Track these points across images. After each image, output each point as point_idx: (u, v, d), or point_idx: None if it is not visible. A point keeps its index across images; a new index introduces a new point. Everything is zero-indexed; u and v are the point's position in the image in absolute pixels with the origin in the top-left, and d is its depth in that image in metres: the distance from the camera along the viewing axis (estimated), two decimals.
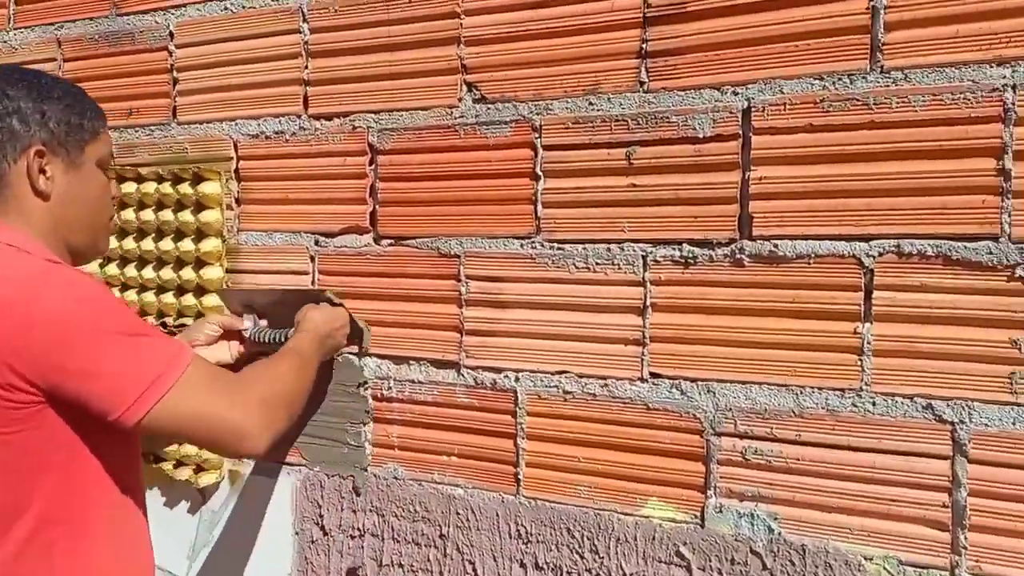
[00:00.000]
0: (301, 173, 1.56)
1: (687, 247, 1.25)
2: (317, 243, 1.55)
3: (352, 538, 1.55)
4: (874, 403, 1.15)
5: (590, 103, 1.31)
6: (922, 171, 1.11)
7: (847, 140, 1.15)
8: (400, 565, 1.50)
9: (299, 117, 1.56)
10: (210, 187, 1.63)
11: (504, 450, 1.40)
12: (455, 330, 1.43)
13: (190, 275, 1.66)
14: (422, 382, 1.47)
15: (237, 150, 1.63)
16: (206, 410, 1.12)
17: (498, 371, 1.40)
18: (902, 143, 1.12)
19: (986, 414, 1.09)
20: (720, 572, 1.24)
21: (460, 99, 1.41)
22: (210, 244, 1.64)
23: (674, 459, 1.28)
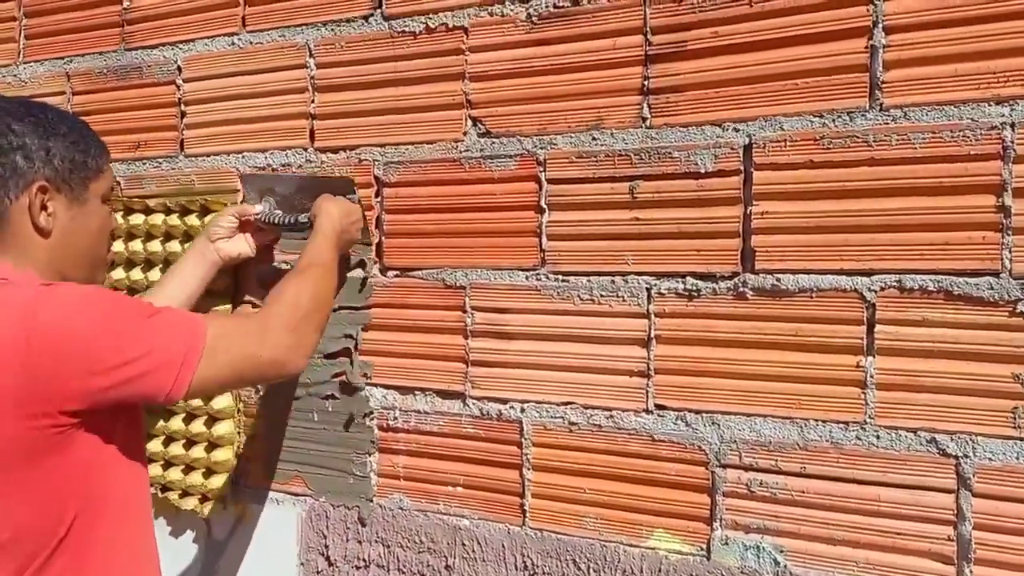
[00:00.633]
0: None
1: (691, 280, 1.27)
2: None
3: (357, 569, 1.55)
4: (878, 436, 1.16)
5: (594, 138, 1.32)
6: (923, 207, 1.12)
7: (848, 176, 1.16)
8: None
9: (305, 150, 1.58)
10: None
11: (510, 481, 1.41)
12: (461, 361, 1.44)
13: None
14: (428, 412, 1.48)
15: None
16: (242, 357, 1.18)
17: (504, 402, 1.41)
18: (902, 179, 1.13)
19: (990, 448, 1.10)
20: None
21: (465, 133, 1.43)
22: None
23: (680, 491, 1.28)
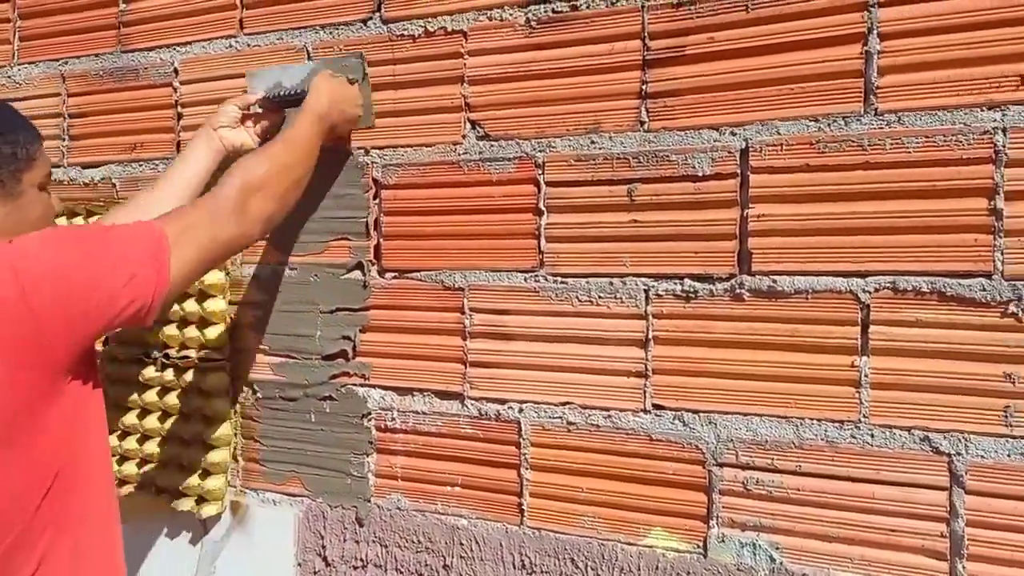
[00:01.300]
0: None
1: (688, 282, 1.29)
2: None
3: (355, 569, 1.56)
4: (872, 435, 1.18)
5: (592, 141, 1.34)
6: (916, 210, 1.15)
7: (843, 180, 1.18)
8: None
9: None
10: None
11: (508, 480, 1.42)
12: (459, 362, 1.45)
13: (193, 307, 1.67)
14: (426, 413, 1.49)
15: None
16: (201, 246, 1.20)
17: (502, 402, 1.42)
18: (896, 183, 1.15)
19: (982, 446, 1.12)
20: None
21: (464, 136, 1.44)
22: (214, 276, 1.65)
23: (677, 489, 1.30)
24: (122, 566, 1.26)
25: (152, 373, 1.72)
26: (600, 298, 1.34)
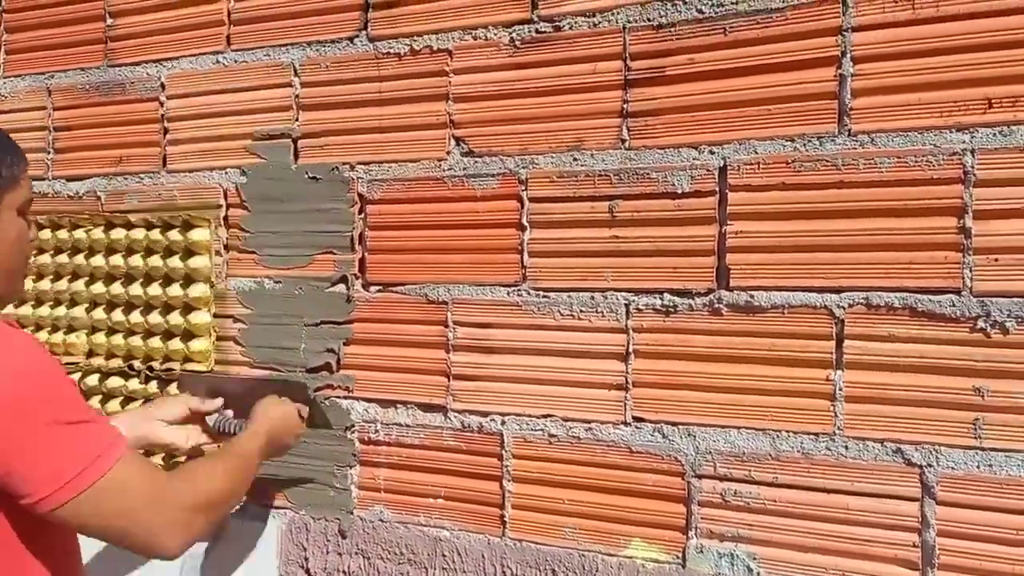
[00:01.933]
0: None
1: (668, 296, 1.31)
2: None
3: None
4: (847, 447, 1.21)
5: (574, 158, 1.37)
6: (888, 228, 1.18)
7: (818, 198, 1.22)
8: None
9: (289, 168, 1.60)
10: (199, 234, 1.67)
11: (490, 492, 1.44)
12: (442, 375, 1.47)
13: (177, 320, 1.68)
14: (409, 425, 1.51)
15: (227, 198, 1.66)
16: (127, 512, 1.09)
17: (485, 415, 1.44)
18: (869, 202, 1.19)
19: (952, 458, 1.15)
20: None
21: (448, 152, 1.46)
22: (198, 290, 1.67)
23: (656, 501, 1.32)
24: None
25: (136, 385, 1.73)
26: (582, 312, 1.37)
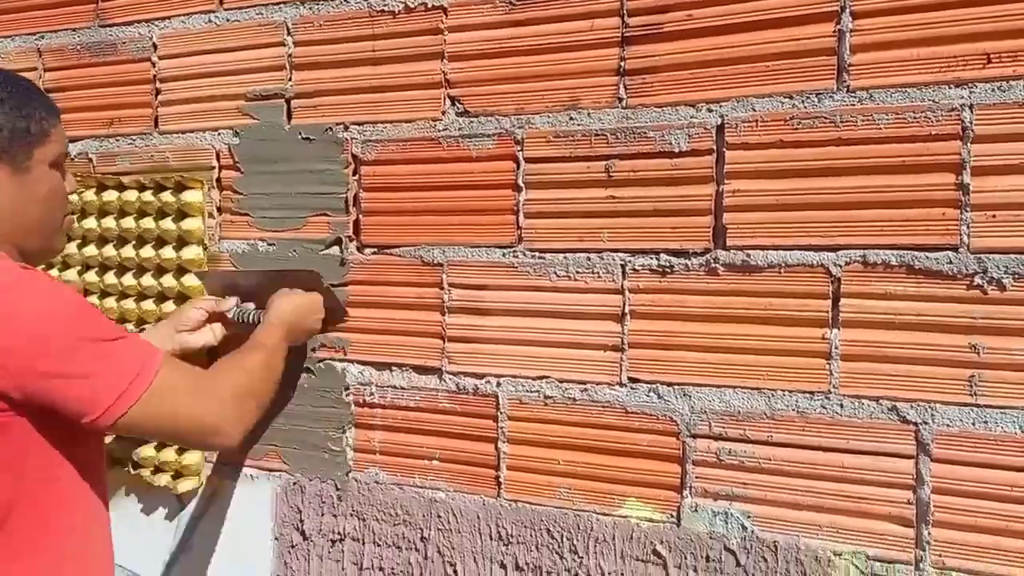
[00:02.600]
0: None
1: (664, 256, 1.31)
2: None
3: (332, 543, 1.57)
4: (842, 405, 1.21)
5: (571, 118, 1.36)
6: (886, 185, 1.17)
7: (815, 156, 1.21)
8: (381, 569, 1.53)
9: (283, 128, 1.59)
10: (192, 196, 1.65)
11: (486, 454, 1.44)
12: (438, 337, 1.47)
13: (171, 282, 1.67)
14: (404, 388, 1.50)
15: (219, 159, 1.65)
16: (180, 410, 1.17)
17: (480, 376, 1.44)
18: (867, 159, 1.18)
19: (948, 415, 1.15)
20: (695, 569, 1.29)
21: (444, 112, 1.45)
22: (191, 252, 1.66)
23: (651, 461, 1.32)
24: None
25: None
26: (577, 273, 1.36)
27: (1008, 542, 1.13)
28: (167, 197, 1.67)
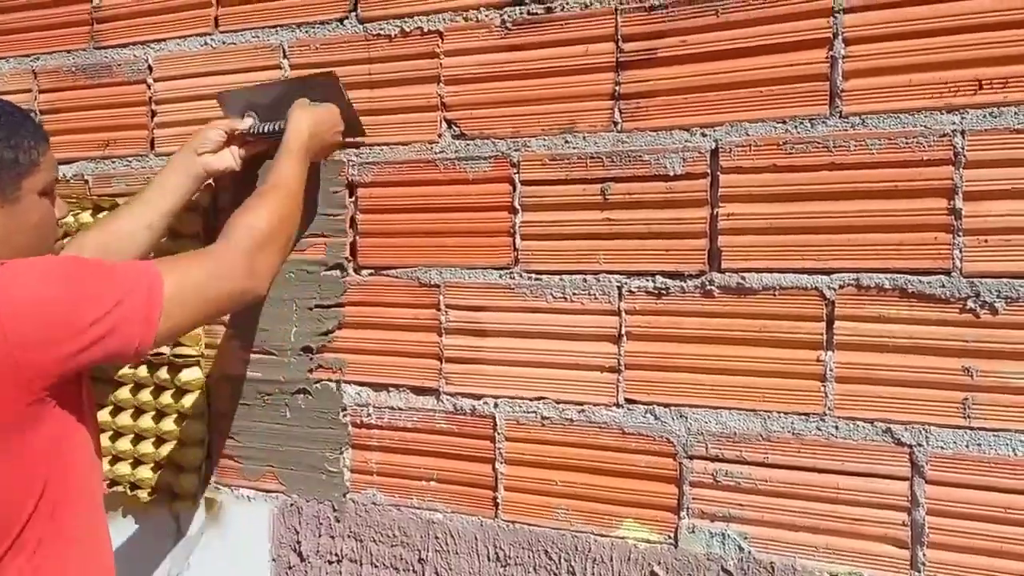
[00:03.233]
0: None
1: (660, 278, 1.32)
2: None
3: (330, 563, 1.57)
4: (837, 427, 1.22)
5: (566, 141, 1.37)
6: (879, 209, 1.19)
7: (809, 180, 1.22)
8: None
9: None
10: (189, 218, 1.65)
11: (483, 475, 1.45)
12: (435, 358, 1.47)
13: None
14: (402, 409, 1.51)
15: (215, 181, 1.65)
16: (205, 297, 1.20)
17: (477, 397, 1.44)
18: (860, 183, 1.19)
19: (942, 437, 1.16)
20: None
21: (440, 135, 1.46)
22: None
23: (648, 482, 1.33)
24: None
25: (125, 370, 1.72)
26: (574, 295, 1.37)
27: (1002, 563, 1.14)
28: None
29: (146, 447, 1.69)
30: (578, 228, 1.36)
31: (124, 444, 1.71)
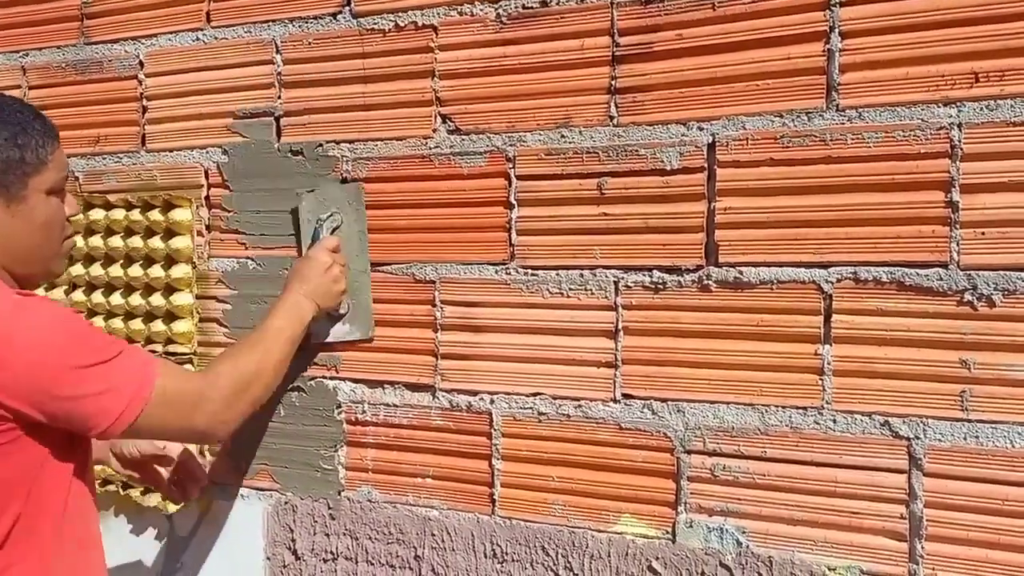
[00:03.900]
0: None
1: (657, 273, 1.31)
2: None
3: (325, 561, 1.56)
4: (835, 420, 1.22)
5: (562, 135, 1.36)
6: (876, 203, 1.18)
7: (806, 173, 1.22)
8: None
9: (273, 145, 1.58)
10: (181, 214, 1.64)
11: (479, 471, 1.44)
12: (430, 354, 1.47)
13: (159, 301, 1.66)
14: (397, 405, 1.50)
15: (208, 177, 1.64)
16: (176, 419, 1.22)
17: (473, 394, 1.44)
18: (857, 176, 1.19)
19: (939, 430, 1.16)
20: None
21: (435, 130, 1.45)
22: (180, 270, 1.65)
23: (646, 477, 1.33)
24: None
25: None
26: (570, 290, 1.37)
27: (1000, 555, 1.14)
28: (155, 215, 1.66)
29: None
30: (574, 223, 1.36)
31: None
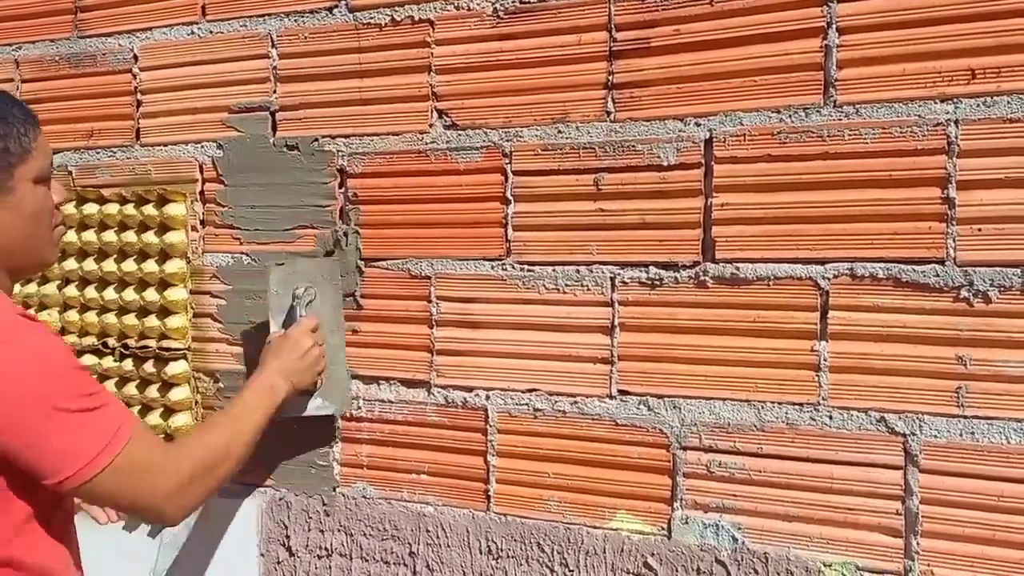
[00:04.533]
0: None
1: (653, 269, 1.31)
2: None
3: (319, 558, 1.56)
4: (831, 417, 1.22)
5: (559, 131, 1.36)
6: (873, 199, 1.18)
7: (803, 169, 1.22)
8: None
9: (268, 139, 1.57)
10: (175, 209, 1.63)
11: (475, 467, 1.44)
12: (426, 350, 1.46)
13: (153, 296, 1.65)
14: (392, 401, 1.49)
15: (203, 172, 1.64)
16: (135, 490, 1.15)
17: (469, 390, 1.43)
18: (854, 172, 1.19)
19: (935, 426, 1.17)
20: None
21: (431, 125, 1.45)
22: (174, 265, 1.64)
23: (642, 473, 1.33)
24: None
25: (111, 363, 1.70)
26: (567, 286, 1.36)
27: (995, 551, 1.14)
28: (149, 210, 1.65)
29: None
30: (571, 219, 1.36)
31: None
